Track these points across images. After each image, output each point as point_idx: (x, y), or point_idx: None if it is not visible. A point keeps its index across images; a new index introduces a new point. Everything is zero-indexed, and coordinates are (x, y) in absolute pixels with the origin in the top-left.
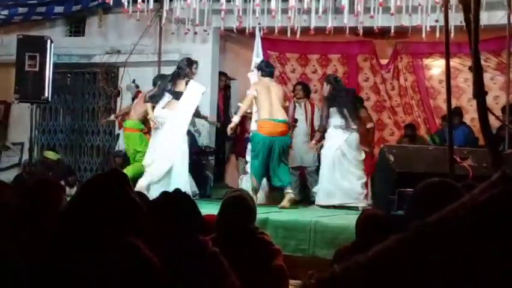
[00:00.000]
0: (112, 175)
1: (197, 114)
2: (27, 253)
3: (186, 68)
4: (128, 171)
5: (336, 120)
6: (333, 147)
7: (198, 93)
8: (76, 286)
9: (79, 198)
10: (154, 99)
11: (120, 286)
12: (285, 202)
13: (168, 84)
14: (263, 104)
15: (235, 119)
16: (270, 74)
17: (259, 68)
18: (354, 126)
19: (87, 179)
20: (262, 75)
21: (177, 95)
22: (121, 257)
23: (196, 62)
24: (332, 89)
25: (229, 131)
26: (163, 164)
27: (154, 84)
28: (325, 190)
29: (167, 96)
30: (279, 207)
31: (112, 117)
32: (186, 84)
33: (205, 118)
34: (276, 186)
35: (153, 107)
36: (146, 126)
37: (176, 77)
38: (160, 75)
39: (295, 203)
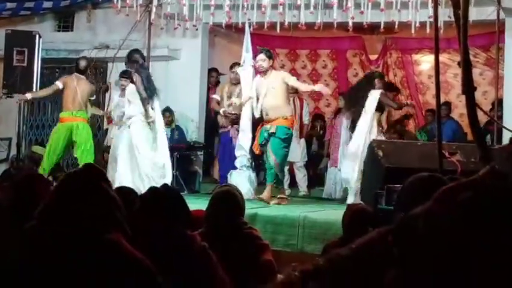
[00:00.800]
0: (88, 171)
1: None
2: (17, 249)
3: (143, 60)
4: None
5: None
6: None
7: None
8: (57, 283)
9: (55, 196)
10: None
11: (103, 282)
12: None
13: (150, 83)
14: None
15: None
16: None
17: (268, 56)
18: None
19: (63, 176)
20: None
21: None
22: (101, 253)
23: None
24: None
25: None
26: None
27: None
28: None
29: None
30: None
31: (28, 95)
32: None
33: None
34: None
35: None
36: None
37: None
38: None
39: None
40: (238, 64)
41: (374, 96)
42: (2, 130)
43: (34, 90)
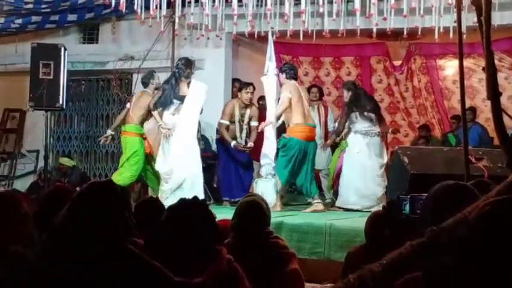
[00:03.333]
0: (105, 184)
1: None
2: (46, 260)
3: (186, 68)
4: (123, 176)
5: (358, 125)
6: (355, 152)
7: (201, 92)
8: None
9: (75, 208)
10: (160, 105)
11: None
12: (308, 210)
13: (172, 89)
14: (297, 107)
15: (272, 120)
16: (295, 76)
17: (283, 70)
18: (377, 130)
19: (81, 188)
20: (287, 78)
21: (183, 99)
22: (121, 263)
23: (194, 62)
24: (353, 94)
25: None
26: (180, 171)
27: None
28: (345, 194)
29: (175, 103)
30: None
31: (109, 132)
32: (189, 85)
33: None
34: (301, 192)
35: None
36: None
37: (178, 80)
38: (166, 81)
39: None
40: (251, 84)
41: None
42: (29, 142)
43: (60, 102)
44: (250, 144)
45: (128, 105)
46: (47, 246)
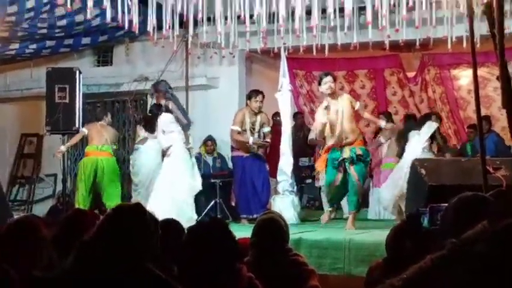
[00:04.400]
0: (134, 207)
1: None
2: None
3: (171, 89)
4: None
5: None
6: None
7: None
8: None
9: (102, 230)
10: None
11: None
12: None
13: (185, 111)
14: None
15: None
16: None
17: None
18: None
19: (109, 211)
20: None
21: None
22: (141, 283)
23: None
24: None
25: None
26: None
27: (151, 112)
28: None
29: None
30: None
31: (63, 148)
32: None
33: None
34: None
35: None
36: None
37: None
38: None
39: None
40: (260, 92)
41: (431, 126)
42: (47, 166)
43: (76, 126)
44: (268, 139)
45: (84, 130)
46: (70, 267)
